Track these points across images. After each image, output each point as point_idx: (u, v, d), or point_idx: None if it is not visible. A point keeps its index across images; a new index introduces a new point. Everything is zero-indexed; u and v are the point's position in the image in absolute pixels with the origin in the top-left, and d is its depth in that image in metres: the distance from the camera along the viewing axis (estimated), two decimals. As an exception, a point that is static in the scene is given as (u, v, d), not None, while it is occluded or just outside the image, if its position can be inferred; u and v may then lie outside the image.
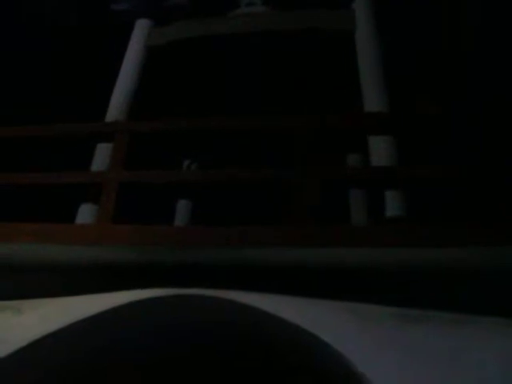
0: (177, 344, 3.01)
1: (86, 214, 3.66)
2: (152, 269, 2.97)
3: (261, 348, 2.91)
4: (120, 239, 2.94)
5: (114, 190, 3.13)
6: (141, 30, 4.62)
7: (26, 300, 3.14)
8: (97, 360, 3.04)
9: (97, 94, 4.36)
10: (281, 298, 2.83)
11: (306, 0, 4.64)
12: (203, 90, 5.04)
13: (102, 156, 3.86)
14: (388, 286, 2.89)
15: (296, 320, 2.74)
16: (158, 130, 3.41)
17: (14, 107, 4.59)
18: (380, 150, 3.64)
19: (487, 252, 2.66)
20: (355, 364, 2.54)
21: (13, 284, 3.17)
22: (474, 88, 4.61)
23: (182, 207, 5.17)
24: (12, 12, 4.93)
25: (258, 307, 2.78)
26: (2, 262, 3.13)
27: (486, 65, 4.89)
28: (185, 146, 4.72)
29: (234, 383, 3.14)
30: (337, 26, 4.54)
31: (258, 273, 2.95)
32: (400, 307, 2.80)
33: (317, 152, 3.31)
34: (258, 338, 2.87)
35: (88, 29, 4.99)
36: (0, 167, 3.61)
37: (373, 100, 3.91)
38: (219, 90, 5.05)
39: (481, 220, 2.81)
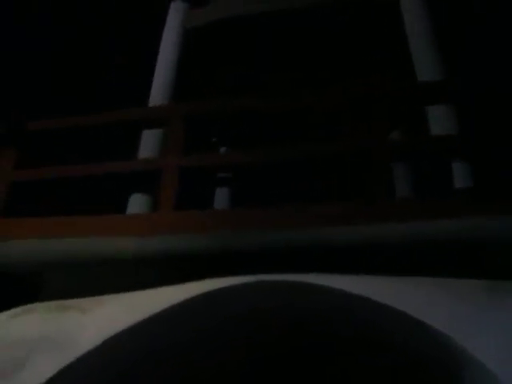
0: (260, 334, 2.84)
1: (137, 204, 3.47)
2: (227, 255, 2.81)
3: (348, 329, 2.74)
4: (191, 226, 2.76)
5: (175, 175, 2.95)
6: (176, 12, 4.42)
7: (89, 298, 2.97)
8: (174, 356, 2.87)
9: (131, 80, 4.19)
10: (361, 277, 2.67)
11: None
12: (240, 71, 4.84)
13: (148, 144, 3.67)
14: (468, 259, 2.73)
15: (383, 299, 2.58)
16: (212, 111, 3.23)
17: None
18: (440, 120, 3.46)
19: None
20: (455, 340, 2.38)
21: (74, 281, 3.00)
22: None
23: (221, 192, 4.99)
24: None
25: (342, 289, 2.62)
26: (62, 257, 2.96)
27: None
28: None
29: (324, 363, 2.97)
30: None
31: (330, 253, 2.80)
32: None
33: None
34: (343, 320, 2.70)
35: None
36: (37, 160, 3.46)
37: (425, 70, 3.73)
38: (255, 71, 4.85)
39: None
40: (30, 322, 2.92)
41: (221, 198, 5.09)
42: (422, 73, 3.72)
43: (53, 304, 3.01)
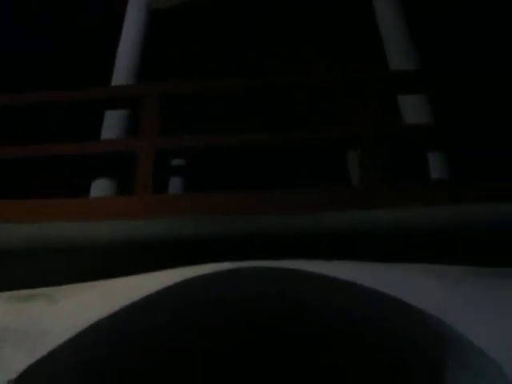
0: (241, 319, 2.73)
1: (100, 190, 3.27)
2: (208, 241, 2.68)
3: (340, 318, 2.68)
4: (170, 210, 2.61)
5: (151, 157, 2.79)
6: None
7: (59, 287, 2.76)
8: (150, 344, 2.72)
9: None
10: (353, 264, 2.62)
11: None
12: (210, 53, 4.68)
13: (111, 126, 3.47)
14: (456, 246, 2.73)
15: (373, 285, 2.54)
16: (187, 92, 3.08)
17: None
18: (413, 109, 3.47)
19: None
20: (450, 324, 2.37)
21: (43, 269, 2.78)
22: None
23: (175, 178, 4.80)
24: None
25: (332, 275, 2.55)
26: (32, 243, 2.73)
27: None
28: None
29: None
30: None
31: (320, 240, 2.73)
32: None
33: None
34: (333, 308, 2.64)
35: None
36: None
37: (397, 58, 3.73)
38: (226, 52, 4.70)
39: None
40: (-10, 313, 2.68)
41: (175, 184, 4.89)
42: (393, 60, 3.69)
43: (15, 294, 2.78)
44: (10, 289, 2.88)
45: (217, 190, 2.75)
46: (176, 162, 4.93)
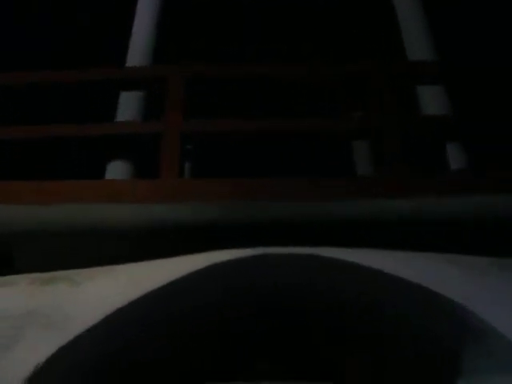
0: (265, 309, 2.71)
1: (116, 173, 3.21)
2: (233, 226, 2.66)
3: (360, 302, 2.68)
4: (197, 194, 2.58)
5: (177, 140, 2.75)
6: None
7: (80, 270, 2.71)
8: (172, 329, 2.69)
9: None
10: (377, 251, 2.61)
11: None
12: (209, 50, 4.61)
13: (126, 107, 3.40)
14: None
15: (399, 273, 2.54)
16: (214, 74, 3.03)
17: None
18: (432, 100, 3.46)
19: None
20: (475, 313, 2.38)
21: (64, 252, 2.73)
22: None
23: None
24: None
25: (357, 262, 2.55)
26: (52, 225, 2.68)
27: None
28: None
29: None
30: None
31: (338, 228, 2.73)
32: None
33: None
34: (354, 292, 2.63)
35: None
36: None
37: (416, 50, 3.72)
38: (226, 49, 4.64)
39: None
40: (12, 295, 2.63)
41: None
42: (412, 52, 3.68)
43: (37, 276, 2.73)
44: (30, 271, 2.84)
45: (223, 177, 2.73)
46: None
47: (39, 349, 2.29)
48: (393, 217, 2.73)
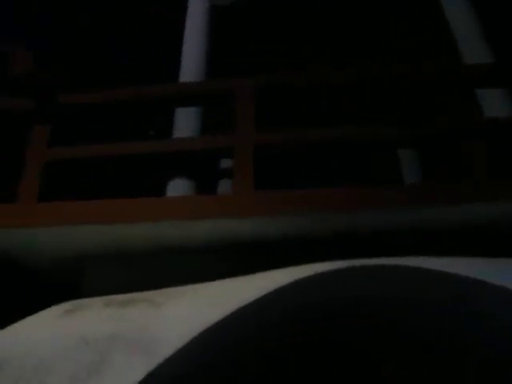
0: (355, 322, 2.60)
1: (178, 190, 3.12)
2: (313, 239, 2.56)
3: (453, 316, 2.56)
4: (278, 208, 2.49)
5: (250, 153, 2.66)
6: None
7: (159, 291, 2.62)
8: (259, 347, 2.58)
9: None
10: (465, 259, 2.50)
11: None
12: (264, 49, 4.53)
13: (183, 124, 3.33)
14: None
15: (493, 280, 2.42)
16: (288, 83, 2.94)
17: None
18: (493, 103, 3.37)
19: None
20: None
21: (122, 274, 2.66)
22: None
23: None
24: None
25: (445, 271, 2.43)
26: (111, 246, 2.61)
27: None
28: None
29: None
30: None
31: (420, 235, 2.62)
32: None
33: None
34: (445, 304, 2.52)
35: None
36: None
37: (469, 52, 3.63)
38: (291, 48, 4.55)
39: None
40: (91, 319, 2.54)
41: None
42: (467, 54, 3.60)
43: (112, 298, 2.64)
44: (100, 294, 2.76)
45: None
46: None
47: (128, 374, 2.19)
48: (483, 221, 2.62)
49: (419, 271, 2.38)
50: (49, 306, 2.80)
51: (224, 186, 4.53)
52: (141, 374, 2.18)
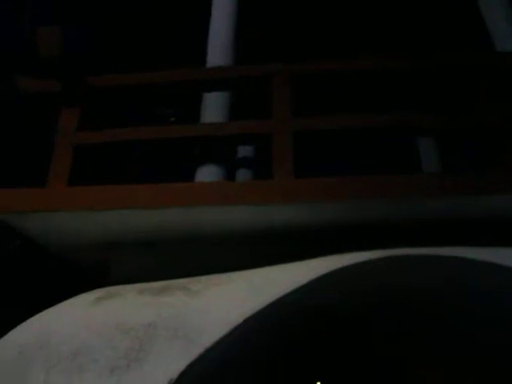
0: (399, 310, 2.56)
1: (207, 175, 3.06)
2: (353, 226, 2.51)
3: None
4: (316, 194, 2.43)
5: (290, 138, 2.60)
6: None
7: (195, 278, 2.58)
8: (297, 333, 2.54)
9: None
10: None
11: None
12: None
13: (210, 109, 3.26)
14: None
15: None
16: (322, 71, 2.87)
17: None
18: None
19: None
20: None
21: (152, 261, 2.60)
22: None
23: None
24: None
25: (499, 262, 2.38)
26: (144, 231, 2.55)
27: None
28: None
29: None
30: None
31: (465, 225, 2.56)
32: None
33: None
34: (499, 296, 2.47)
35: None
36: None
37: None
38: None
39: None
40: (126, 306, 2.49)
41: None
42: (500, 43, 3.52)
43: (146, 286, 2.59)
44: (129, 281, 2.71)
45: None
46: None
47: (170, 362, 2.14)
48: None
49: (471, 261, 2.33)
50: (78, 292, 2.75)
51: (242, 175, 4.48)
52: (183, 362, 2.14)
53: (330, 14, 4.24)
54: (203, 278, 2.54)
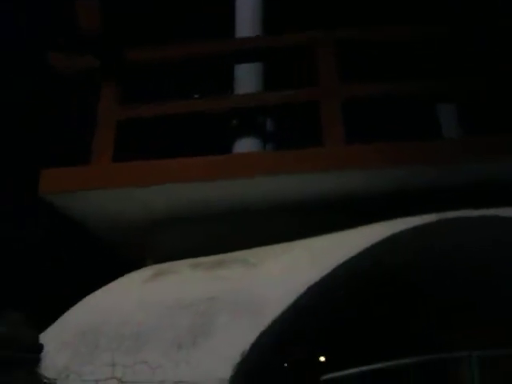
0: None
1: (245, 147, 3.02)
2: (405, 192, 2.49)
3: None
4: (373, 160, 2.41)
5: (339, 105, 2.56)
6: None
7: (250, 250, 2.55)
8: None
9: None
10: None
11: None
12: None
13: (244, 80, 3.20)
14: None
15: None
16: (366, 38, 2.83)
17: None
18: None
19: None
20: None
21: (198, 235, 2.61)
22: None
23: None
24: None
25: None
26: (191, 205, 2.54)
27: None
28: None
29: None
30: None
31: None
32: None
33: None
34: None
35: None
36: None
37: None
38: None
39: None
40: (181, 282, 2.45)
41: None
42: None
43: (198, 261, 2.56)
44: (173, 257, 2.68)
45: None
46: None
47: (239, 335, 2.12)
48: None
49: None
50: (123, 270, 2.72)
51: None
52: (252, 334, 2.11)
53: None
54: (259, 250, 2.51)
